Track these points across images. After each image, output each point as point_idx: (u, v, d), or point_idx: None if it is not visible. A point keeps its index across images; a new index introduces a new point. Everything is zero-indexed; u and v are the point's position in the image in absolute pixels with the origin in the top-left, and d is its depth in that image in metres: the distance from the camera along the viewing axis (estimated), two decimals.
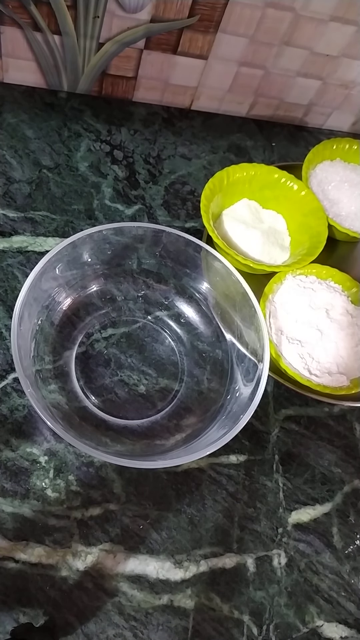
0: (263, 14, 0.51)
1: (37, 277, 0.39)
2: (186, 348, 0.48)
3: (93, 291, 0.48)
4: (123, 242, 0.46)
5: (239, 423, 0.36)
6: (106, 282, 0.48)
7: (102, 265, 0.47)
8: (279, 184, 0.53)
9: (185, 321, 0.49)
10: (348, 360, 0.47)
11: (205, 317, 0.48)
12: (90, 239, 0.43)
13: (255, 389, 0.38)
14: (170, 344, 0.48)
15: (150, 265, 0.48)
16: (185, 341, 0.48)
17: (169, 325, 0.49)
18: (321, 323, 0.48)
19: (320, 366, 0.47)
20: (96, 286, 0.48)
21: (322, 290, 0.50)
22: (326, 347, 0.47)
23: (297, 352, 0.47)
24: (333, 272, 0.51)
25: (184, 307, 0.49)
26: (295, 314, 0.48)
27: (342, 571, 0.43)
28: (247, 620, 0.40)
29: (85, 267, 0.46)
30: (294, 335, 0.48)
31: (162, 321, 0.49)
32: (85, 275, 0.47)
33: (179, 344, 0.48)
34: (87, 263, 0.46)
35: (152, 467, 0.38)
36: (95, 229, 0.42)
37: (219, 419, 0.42)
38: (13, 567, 0.39)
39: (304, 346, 0.47)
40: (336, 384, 0.46)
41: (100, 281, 0.48)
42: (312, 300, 0.49)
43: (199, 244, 0.44)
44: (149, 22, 0.52)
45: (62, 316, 0.46)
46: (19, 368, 0.35)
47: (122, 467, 0.34)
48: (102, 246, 0.45)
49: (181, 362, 0.47)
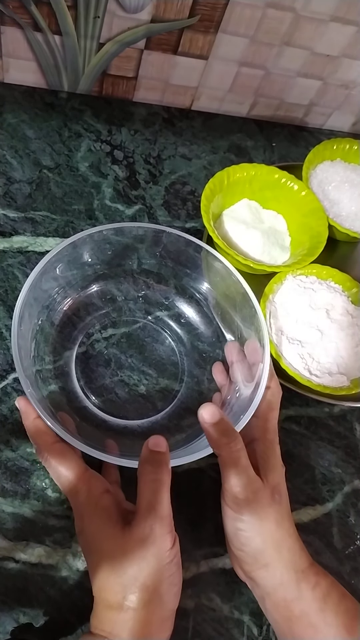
0: (263, 14, 0.51)
1: (37, 277, 0.39)
2: (186, 348, 0.48)
3: (93, 291, 0.48)
4: (123, 242, 0.46)
5: (239, 423, 0.36)
6: (106, 282, 0.48)
7: (102, 266, 0.47)
8: (280, 184, 0.53)
9: (186, 321, 0.49)
10: (348, 361, 0.47)
11: (206, 317, 0.48)
12: (91, 239, 0.43)
13: (255, 389, 0.38)
14: (171, 344, 0.48)
15: (150, 266, 0.48)
16: (185, 341, 0.48)
17: (169, 325, 0.49)
18: (321, 323, 0.48)
19: (321, 366, 0.47)
20: (96, 286, 0.48)
21: (322, 291, 0.50)
22: (326, 347, 0.47)
23: (297, 352, 0.47)
24: (333, 273, 0.51)
25: (184, 308, 0.49)
26: (296, 314, 0.48)
27: (342, 571, 0.43)
28: (247, 620, 0.40)
29: (85, 267, 0.46)
30: (294, 335, 0.48)
31: (162, 321, 0.49)
32: (86, 275, 0.47)
33: (179, 344, 0.48)
34: (88, 263, 0.46)
35: None
36: (95, 229, 0.42)
37: None
38: (13, 567, 0.39)
39: (304, 346, 0.47)
40: (336, 384, 0.46)
41: (101, 281, 0.48)
42: (313, 300, 0.49)
43: (199, 244, 0.44)
44: (149, 22, 0.52)
45: (62, 316, 0.46)
46: (19, 368, 0.35)
47: (123, 467, 0.34)
48: (102, 246, 0.45)
49: (181, 362, 0.47)
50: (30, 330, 0.41)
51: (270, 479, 0.36)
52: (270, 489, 0.35)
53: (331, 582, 0.35)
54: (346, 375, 0.47)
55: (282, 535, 0.34)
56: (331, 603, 0.34)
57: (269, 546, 0.34)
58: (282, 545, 0.34)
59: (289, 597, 0.34)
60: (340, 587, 0.35)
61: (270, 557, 0.34)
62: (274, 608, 0.35)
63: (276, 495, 0.35)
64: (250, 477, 0.34)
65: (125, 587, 0.30)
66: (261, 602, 0.36)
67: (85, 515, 0.33)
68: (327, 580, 0.35)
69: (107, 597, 0.31)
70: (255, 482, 0.34)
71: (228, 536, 0.36)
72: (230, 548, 0.37)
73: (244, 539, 0.34)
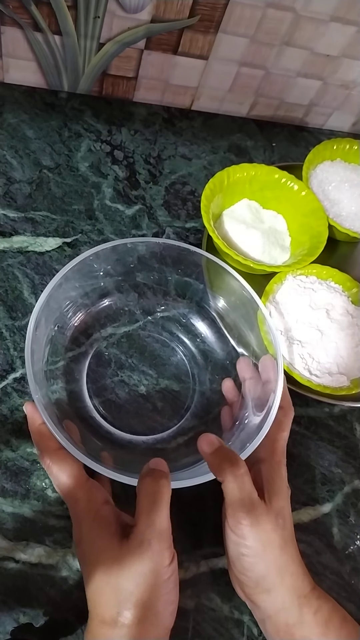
0: (263, 14, 0.51)
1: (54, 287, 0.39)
2: (199, 366, 0.47)
3: (106, 303, 0.48)
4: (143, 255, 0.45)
5: (245, 451, 0.36)
6: (121, 294, 0.48)
7: (118, 277, 0.47)
8: (280, 184, 0.53)
9: (200, 338, 0.48)
10: (348, 361, 0.47)
11: (218, 333, 0.48)
12: (113, 250, 0.42)
13: (265, 416, 0.37)
14: (183, 359, 0.48)
15: (162, 280, 0.48)
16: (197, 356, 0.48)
17: (183, 342, 0.48)
18: (321, 323, 0.48)
19: (321, 366, 0.47)
20: (109, 299, 0.48)
21: (322, 291, 0.50)
22: (326, 347, 0.47)
23: (297, 352, 0.47)
24: (333, 273, 0.51)
25: (198, 324, 0.48)
26: (296, 314, 0.48)
27: (342, 571, 0.43)
28: (247, 620, 0.40)
29: (100, 278, 0.46)
30: (294, 335, 0.48)
31: (177, 338, 0.48)
32: (101, 286, 0.47)
33: (191, 361, 0.48)
34: (104, 274, 0.46)
35: None
36: (120, 241, 0.42)
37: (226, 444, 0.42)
38: (13, 567, 0.39)
39: (304, 346, 0.47)
40: (336, 384, 0.46)
41: (115, 293, 0.48)
42: (313, 300, 0.49)
43: (220, 264, 0.43)
44: (149, 23, 0.52)
45: (69, 321, 0.46)
46: (30, 372, 0.35)
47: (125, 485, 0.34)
48: (125, 259, 0.45)
49: (190, 367, 0.47)
50: (46, 336, 0.41)
51: (275, 503, 0.35)
52: (274, 513, 0.34)
53: (332, 606, 0.35)
54: (346, 375, 0.47)
55: (286, 560, 0.34)
56: (333, 627, 0.33)
57: (272, 572, 0.34)
58: (285, 570, 0.34)
59: (291, 621, 0.33)
60: (341, 610, 0.35)
61: (273, 583, 0.34)
62: (275, 632, 0.34)
63: (280, 520, 0.34)
64: (253, 503, 0.34)
65: (120, 603, 0.29)
66: (261, 624, 0.36)
67: (84, 524, 0.33)
68: (329, 604, 0.35)
69: (101, 612, 0.30)
70: (258, 508, 0.34)
71: (230, 559, 0.36)
72: (232, 570, 0.36)
73: (247, 564, 0.34)
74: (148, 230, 0.54)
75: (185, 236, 0.55)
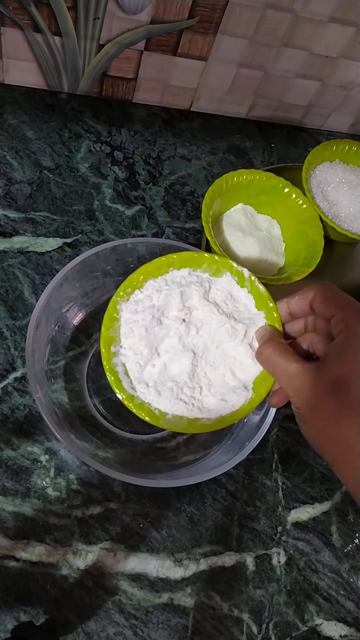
0: (262, 15, 0.51)
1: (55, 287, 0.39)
2: None
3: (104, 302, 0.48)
4: (143, 255, 0.45)
5: (244, 450, 0.36)
6: None
7: (118, 277, 0.46)
8: (276, 190, 0.53)
9: None
10: None
11: None
12: (114, 251, 0.43)
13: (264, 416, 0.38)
14: None
15: None
16: None
17: None
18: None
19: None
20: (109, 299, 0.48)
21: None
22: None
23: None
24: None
25: None
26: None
27: (341, 570, 0.44)
28: (247, 618, 0.40)
29: (100, 279, 0.46)
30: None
31: None
32: (101, 286, 0.47)
33: None
34: (103, 274, 0.46)
35: (154, 485, 0.38)
36: (120, 242, 0.42)
37: (225, 443, 0.42)
38: (14, 566, 0.39)
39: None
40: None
41: None
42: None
43: None
44: (149, 24, 0.52)
45: (69, 321, 0.46)
46: (31, 372, 0.35)
47: None
48: (125, 259, 0.45)
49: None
50: (46, 336, 0.41)
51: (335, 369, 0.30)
52: (331, 379, 0.29)
53: None
54: None
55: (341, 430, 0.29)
56: None
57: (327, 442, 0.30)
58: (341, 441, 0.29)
59: None
60: None
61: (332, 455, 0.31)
62: None
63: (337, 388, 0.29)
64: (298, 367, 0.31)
65: None
66: None
67: None
68: None
69: None
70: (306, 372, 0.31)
71: None
72: None
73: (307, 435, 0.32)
74: (148, 231, 0.55)
75: (185, 236, 0.55)
